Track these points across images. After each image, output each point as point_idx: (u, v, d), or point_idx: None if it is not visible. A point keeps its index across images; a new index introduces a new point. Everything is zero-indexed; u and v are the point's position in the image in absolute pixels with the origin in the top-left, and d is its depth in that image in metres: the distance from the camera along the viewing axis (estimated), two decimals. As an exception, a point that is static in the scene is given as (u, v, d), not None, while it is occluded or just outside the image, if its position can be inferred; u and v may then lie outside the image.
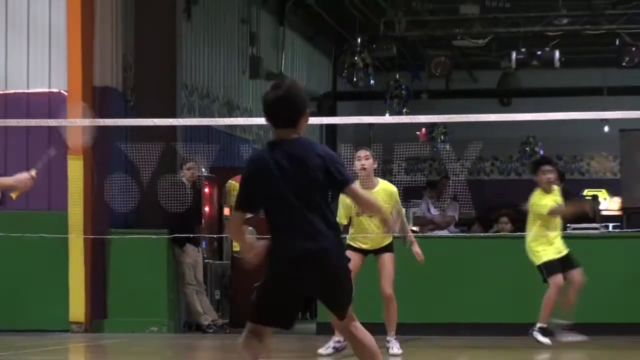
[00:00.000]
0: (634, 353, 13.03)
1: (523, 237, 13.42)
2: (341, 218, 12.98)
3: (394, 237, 13.31)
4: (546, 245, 13.25)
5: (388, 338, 13.30)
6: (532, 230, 13.37)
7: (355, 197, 7.26)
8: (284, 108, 7.04)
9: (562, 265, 13.27)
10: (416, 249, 13.42)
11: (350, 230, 13.29)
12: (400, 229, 13.35)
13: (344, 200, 13.06)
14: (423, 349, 13.97)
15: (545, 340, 13.07)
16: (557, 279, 12.98)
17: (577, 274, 13.31)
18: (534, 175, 13.94)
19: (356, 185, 7.33)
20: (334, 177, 6.89)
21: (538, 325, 13.19)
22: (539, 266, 13.20)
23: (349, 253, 12.39)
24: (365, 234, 13.37)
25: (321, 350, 13.21)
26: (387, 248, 13.48)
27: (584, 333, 13.33)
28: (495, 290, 14.03)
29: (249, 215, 6.88)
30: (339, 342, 13.15)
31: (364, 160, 13.10)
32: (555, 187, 13.66)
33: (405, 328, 15.59)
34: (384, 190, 13.32)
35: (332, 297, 6.99)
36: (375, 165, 13.46)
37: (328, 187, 6.98)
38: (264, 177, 6.82)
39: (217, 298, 17.94)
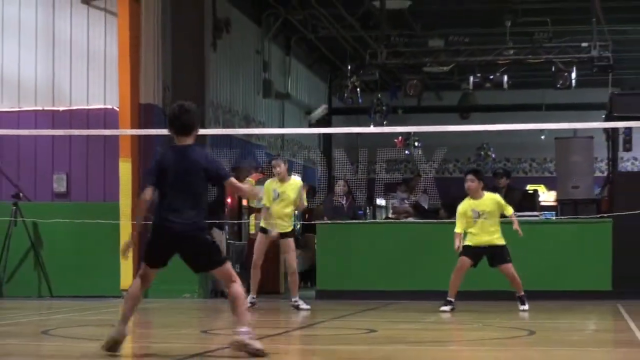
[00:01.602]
0: (564, 314, 13.06)
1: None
2: (266, 202, 13.69)
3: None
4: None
5: (294, 299, 13.47)
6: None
7: (232, 187, 8.07)
8: (186, 120, 7.82)
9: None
10: None
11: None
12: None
13: (266, 188, 13.81)
14: (397, 310, 14.03)
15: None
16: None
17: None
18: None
19: (232, 180, 8.02)
20: (212, 175, 7.74)
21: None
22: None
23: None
24: (277, 219, 13.71)
25: None
26: (289, 234, 13.77)
27: (531, 298, 13.38)
28: (452, 263, 14.06)
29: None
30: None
31: (277, 168, 13.79)
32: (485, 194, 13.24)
33: (384, 294, 15.79)
34: (292, 184, 13.84)
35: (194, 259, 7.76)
36: (286, 168, 13.99)
37: (208, 181, 7.84)
38: (164, 169, 7.70)
39: (237, 271, 17.92)
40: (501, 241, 13.04)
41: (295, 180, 14.14)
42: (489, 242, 12.97)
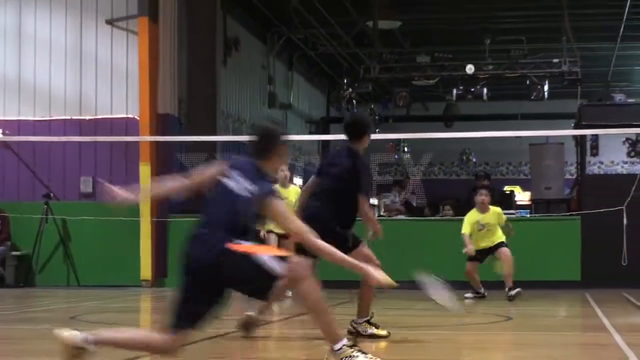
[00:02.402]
0: (538, 302, 13.06)
1: (461, 220, 13.40)
2: None
3: None
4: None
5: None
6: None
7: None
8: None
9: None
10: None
11: None
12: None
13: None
14: (389, 298, 14.05)
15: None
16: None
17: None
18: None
19: None
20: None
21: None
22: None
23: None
24: None
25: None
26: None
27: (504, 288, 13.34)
28: (439, 256, 14.11)
29: None
30: None
31: (281, 172, 13.47)
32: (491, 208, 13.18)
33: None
34: (293, 190, 13.61)
35: None
36: (288, 174, 13.88)
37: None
38: None
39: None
40: (500, 239, 13.09)
41: (295, 187, 14.05)
42: (489, 245, 13.05)
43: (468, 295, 13.05)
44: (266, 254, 5.34)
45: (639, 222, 15.33)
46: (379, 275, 6.15)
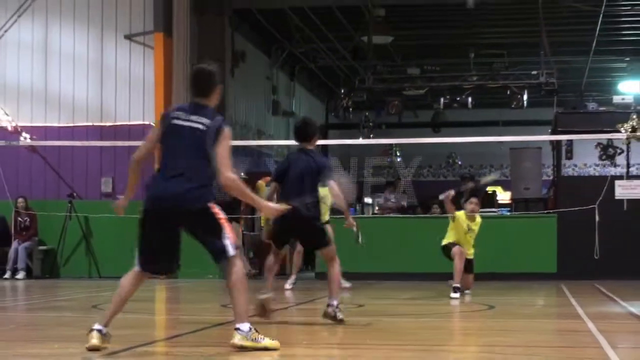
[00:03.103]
0: (517, 292, 13.08)
1: (447, 218, 13.33)
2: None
3: None
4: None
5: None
6: None
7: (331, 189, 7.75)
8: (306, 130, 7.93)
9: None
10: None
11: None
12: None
13: None
14: (380, 289, 14.04)
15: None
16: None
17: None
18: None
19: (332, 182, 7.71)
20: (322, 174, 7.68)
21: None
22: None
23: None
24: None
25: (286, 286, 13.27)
26: None
27: (490, 279, 13.36)
28: (427, 251, 14.08)
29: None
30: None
31: None
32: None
33: (370, 276, 15.78)
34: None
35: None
36: None
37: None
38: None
39: (250, 256, 17.97)
40: (471, 255, 12.65)
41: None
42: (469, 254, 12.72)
43: (453, 295, 12.54)
44: (230, 235, 5.72)
45: (609, 220, 15.35)
46: (272, 206, 6.36)
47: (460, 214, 12.63)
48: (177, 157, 5.72)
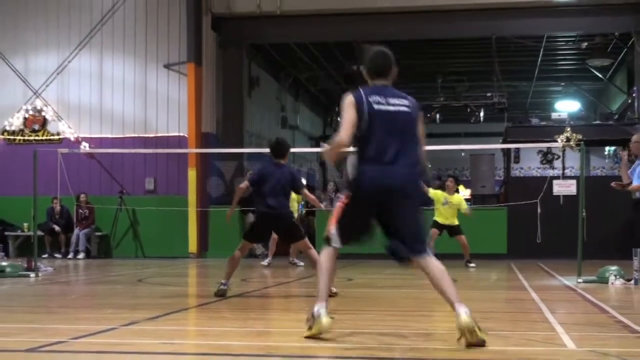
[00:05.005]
0: (476, 269, 12.93)
1: (428, 208, 13.35)
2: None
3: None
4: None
5: (291, 259, 13.30)
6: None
7: (305, 195, 7.74)
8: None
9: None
10: None
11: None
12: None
13: None
14: (366, 266, 14.01)
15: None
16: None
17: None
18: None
19: (306, 191, 7.65)
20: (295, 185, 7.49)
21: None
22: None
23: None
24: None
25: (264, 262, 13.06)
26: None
27: (455, 259, 13.27)
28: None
29: None
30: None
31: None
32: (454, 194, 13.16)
33: (358, 256, 15.74)
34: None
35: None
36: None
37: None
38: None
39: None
40: (456, 222, 13.03)
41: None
42: (448, 222, 12.97)
43: None
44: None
45: (549, 212, 15.33)
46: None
47: (434, 192, 12.90)
48: (392, 142, 4.47)
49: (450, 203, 13.04)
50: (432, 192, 13.04)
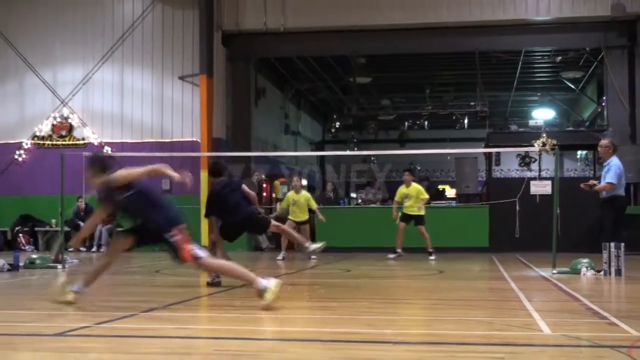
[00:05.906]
0: (460, 261, 13.00)
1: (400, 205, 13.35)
2: (284, 205, 13.30)
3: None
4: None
5: (307, 244, 13.22)
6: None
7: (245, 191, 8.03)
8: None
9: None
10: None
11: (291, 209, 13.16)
12: None
13: (287, 197, 13.30)
14: (362, 259, 14.00)
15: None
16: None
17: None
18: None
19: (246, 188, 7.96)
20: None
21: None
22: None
23: (288, 222, 12.38)
24: (296, 213, 13.13)
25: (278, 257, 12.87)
26: (305, 222, 13.18)
27: (441, 252, 13.30)
28: (396, 231, 13.99)
29: None
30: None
31: (295, 182, 13.36)
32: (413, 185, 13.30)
33: (354, 249, 15.77)
34: (304, 195, 13.22)
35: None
36: (301, 183, 13.58)
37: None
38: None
39: (268, 236, 17.87)
40: (420, 212, 13.10)
41: (305, 193, 13.76)
42: (412, 212, 13.06)
43: (390, 255, 13.02)
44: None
45: (526, 209, 15.35)
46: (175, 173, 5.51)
47: (400, 188, 13.03)
48: None
49: (409, 195, 13.10)
50: (399, 189, 13.32)
